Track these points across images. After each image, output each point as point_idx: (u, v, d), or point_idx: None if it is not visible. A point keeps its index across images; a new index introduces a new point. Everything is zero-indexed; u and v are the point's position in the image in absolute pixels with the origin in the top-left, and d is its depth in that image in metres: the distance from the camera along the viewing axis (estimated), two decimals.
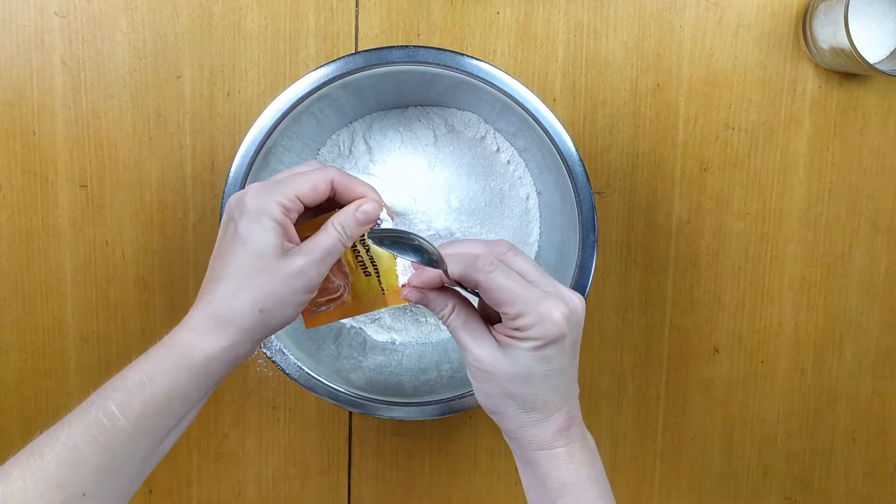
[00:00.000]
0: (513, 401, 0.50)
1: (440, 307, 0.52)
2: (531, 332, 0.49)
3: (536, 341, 0.49)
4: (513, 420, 0.51)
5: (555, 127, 0.60)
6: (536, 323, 0.49)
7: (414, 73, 0.61)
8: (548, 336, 0.49)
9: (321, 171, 0.52)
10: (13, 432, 0.73)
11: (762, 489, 0.75)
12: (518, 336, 0.49)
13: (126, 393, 0.48)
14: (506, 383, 0.50)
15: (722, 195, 0.72)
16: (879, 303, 0.73)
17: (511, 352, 0.49)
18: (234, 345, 0.50)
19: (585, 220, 0.61)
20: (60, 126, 0.70)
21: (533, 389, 0.50)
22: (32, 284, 0.71)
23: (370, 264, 0.56)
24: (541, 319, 0.49)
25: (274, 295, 0.50)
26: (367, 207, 0.53)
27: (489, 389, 0.51)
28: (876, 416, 0.74)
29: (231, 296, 0.50)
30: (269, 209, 0.50)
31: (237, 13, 0.69)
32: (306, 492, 0.74)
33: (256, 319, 0.50)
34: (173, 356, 0.49)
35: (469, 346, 0.51)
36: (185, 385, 0.49)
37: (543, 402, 0.50)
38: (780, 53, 0.70)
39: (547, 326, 0.49)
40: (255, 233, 0.50)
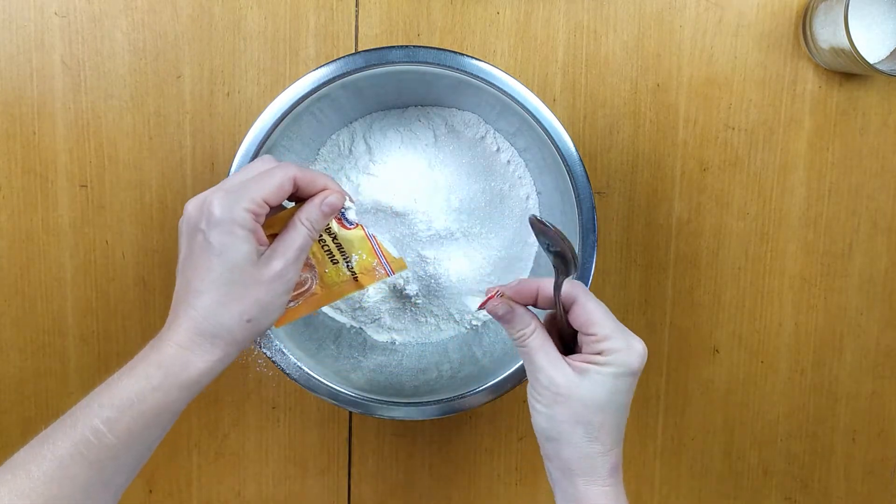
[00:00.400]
0: (581, 428, 0.50)
1: (522, 325, 0.52)
2: (615, 358, 0.50)
3: (619, 368, 0.50)
4: (575, 448, 0.51)
5: (555, 127, 0.60)
6: (623, 349, 0.51)
7: (414, 73, 0.61)
8: (630, 365, 0.50)
9: (282, 170, 0.52)
10: (13, 432, 0.73)
11: (762, 489, 0.75)
12: (600, 361, 0.50)
13: (114, 411, 0.48)
14: (580, 408, 0.50)
15: (722, 195, 0.72)
16: (879, 303, 0.73)
17: (589, 377, 0.50)
18: (225, 357, 0.50)
19: (585, 220, 0.61)
20: (60, 126, 0.70)
21: (603, 418, 0.50)
22: (32, 284, 0.71)
23: (337, 251, 0.56)
24: (627, 348, 0.51)
25: (259, 303, 0.50)
26: (331, 200, 0.54)
27: (557, 414, 0.51)
28: (876, 416, 0.74)
29: (216, 310, 0.49)
30: (239, 218, 0.49)
31: (237, 13, 0.69)
32: (306, 492, 0.74)
33: (245, 329, 0.50)
34: (163, 373, 0.49)
35: (545, 367, 0.51)
36: (175, 401, 0.49)
37: (608, 435, 0.51)
38: (780, 53, 0.70)
39: (632, 356, 0.51)
40: (229, 244, 0.49)
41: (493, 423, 0.74)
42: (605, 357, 0.50)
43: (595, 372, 0.50)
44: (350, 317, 0.69)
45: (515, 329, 0.53)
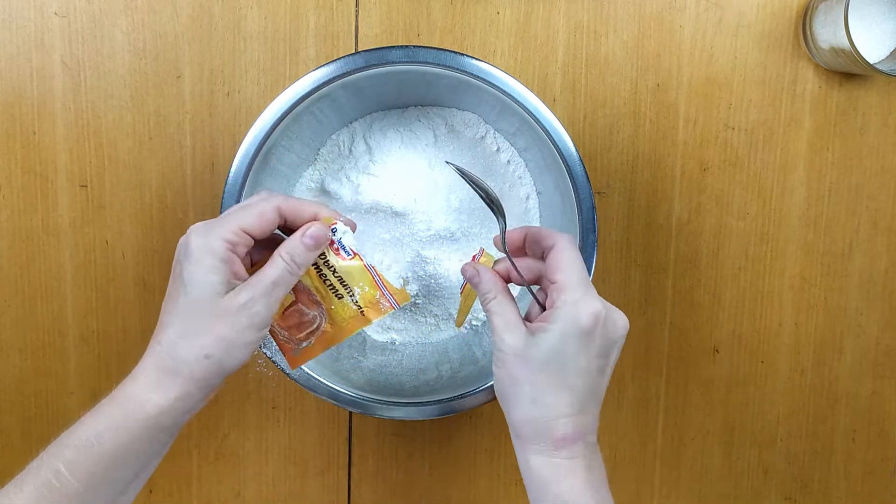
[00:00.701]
0: (525, 386, 0.49)
1: (487, 289, 0.53)
2: (563, 312, 0.49)
3: (565, 324, 0.49)
4: (519, 409, 0.50)
5: (555, 127, 0.60)
6: (571, 304, 0.49)
7: (414, 73, 0.61)
8: (577, 322, 0.49)
9: (265, 200, 0.50)
10: (13, 432, 0.73)
11: (762, 489, 0.75)
12: (549, 318, 0.49)
13: (74, 451, 0.47)
14: (521, 365, 0.49)
15: (722, 195, 0.72)
16: (879, 303, 0.73)
17: (537, 336, 0.49)
18: (185, 396, 0.48)
19: (585, 220, 0.61)
20: (60, 126, 0.70)
21: (546, 379, 0.49)
22: (32, 284, 0.71)
23: (340, 285, 0.54)
24: (576, 303, 0.49)
25: (221, 338, 0.48)
26: (313, 231, 0.51)
27: (504, 375, 0.50)
28: (876, 416, 0.74)
29: (175, 343, 0.48)
30: (211, 246, 0.48)
31: (237, 13, 0.69)
32: (306, 492, 0.74)
33: (204, 366, 0.48)
34: (122, 411, 0.47)
35: (499, 329, 0.51)
36: (136, 441, 0.47)
37: (554, 399, 0.49)
38: (780, 53, 0.70)
39: (580, 312, 0.49)
40: (195, 274, 0.47)
41: (493, 423, 0.74)
42: (556, 311, 0.49)
43: (541, 330, 0.49)
44: None
45: (481, 293, 0.53)
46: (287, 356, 0.56)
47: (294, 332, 0.55)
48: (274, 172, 0.64)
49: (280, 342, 0.56)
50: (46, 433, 0.73)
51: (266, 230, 0.50)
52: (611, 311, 0.51)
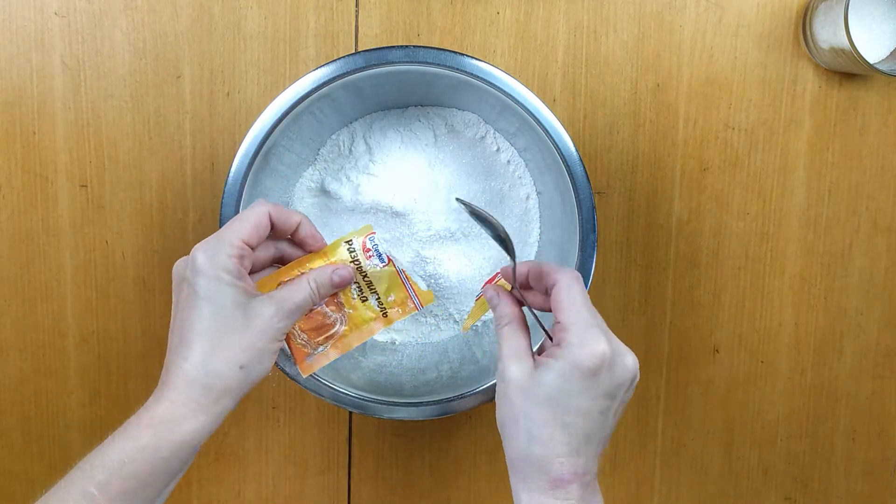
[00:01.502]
0: (522, 423, 0.49)
1: (502, 314, 0.53)
2: (567, 352, 0.48)
3: (567, 364, 0.48)
4: (515, 444, 0.49)
5: (555, 127, 0.60)
6: (577, 345, 0.48)
7: (414, 73, 0.61)
8: (579, 363, 0.48)
9: (255, 209, 0.52)
10: (13, 432, 0.73)
11: (762, 489, 0.75)
12: (553, 354, 0.49)
13: (106, 473, 0.47)
14: (522, 400, 0.49)
15: (722, 195, 0.72)
16: (879, 303, 0.73)
17: (540, 371, 0.49)
18: (223, 411, 0.49)
19: (585, 220, 0.61)
20: (60, 126, 0.70)
21: (544, 415, 0.48)
22: (32, 284, 0.71)
23: (367, 288, 0.56)
24: (582, 344, 0.48)
25: (251, 348, 0.49)
26: (343, 272, 0.55)
27: (504, 406, 0.50)
28: (876, 416, 0.74)
29: (208, 359, 0.48)
30: (223, 263, 0.49)
31: (237, 13, 0.69)
32: (306, 492, 0.74)
33: (239, 377, 0.49)
34: (153, 433, 0.48)
35: (505, 357, 0.50)
36: (168, 461, 0.48)
37: (550, 437, 0.48)
38: (780, 53, 0.70)
39: (583, 353, 0.48)
40: (215, 290, 0.49)
41: (493, 424, 0.73)
42: (560, 349, 0.49)
43: (545, 366, 0.49)
44: None
45: (496, 316, 0.54)
46: (301, 363, 0.56)
47: (313, 335, 0.56)
48: (274, 172, 0.64)
49: (295, 347, 0.56)
50: (46, 433, 0.73)
51: (262, 238, 0.53)
52: (619, 353, 0.49)
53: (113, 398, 0.72)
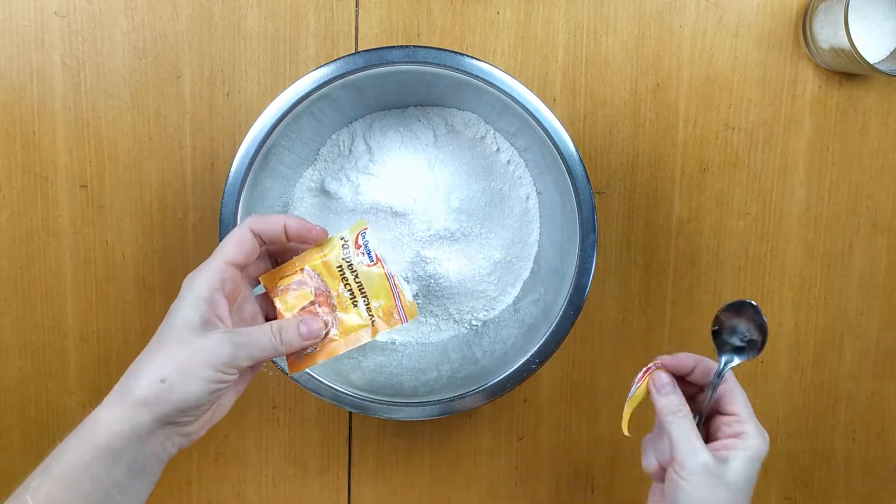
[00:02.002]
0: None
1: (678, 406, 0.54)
2: (752, 442, 0.53)
3: (755, 452, 0.52)
4: None
5: (555, 127, 0.60)
6: (758, 435, 0.53)
7: (414, 73, 0.61)
8: (762, 451, 0.53)
9: (237, 229, 0.52)
10: (13, 432, 0.73)
11: (762, 489, 0.75)
12: (740, 446, 0.53)
13: (38, 478, 0.46)
14: (727, 493, 0.51)
15: (722, 195, 0.72)
16: (879, 303, 0.73)
17: (731, 462, 0.52)
18: (132, 417, 0.47)
19: (585, 220, 0.61)
20: (60, 126, 0.70)
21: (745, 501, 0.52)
22: (32, 284, 0.71)
23: (358, 291, 0.55)
24: (761, 434, 0.53)
25: (178, 365, 0.48)
26: (309, 330, 0.53)
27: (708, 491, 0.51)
28: (876, 416, 0.74)
29: (136, 366, 0.49)
30: (195, 285, 0.50)
31: (237, 13, 0.69)
32: (306, 492, 0.74)
33: (155, 390, 0.47)
34: (79, 433, 0.47)
35: (697, 449, 0.52)
36: (90, 464, 0.46)
37: None
38: (780, 53, 0.70)
39: (765, 442, 0.53)
40: (176, 310, 0.49)
41: (493, 423, 0.74)
42: (744, 441, 0.53)
43: (736, 458, 0.52)
44: None
45: (669, 407, 0.54)
46: (289, 358, 0.56)
47: None
48: (274, 172, 0.64)
49: None
50: (46, 433, 0.73)
51: (250, 254, 0.52)
52: None
53: None
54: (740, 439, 0.53)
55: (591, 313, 0.72)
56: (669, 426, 0.53)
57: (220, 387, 0.49)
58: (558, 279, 0.64)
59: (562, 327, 0.62)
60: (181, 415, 0.48)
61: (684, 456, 0.52)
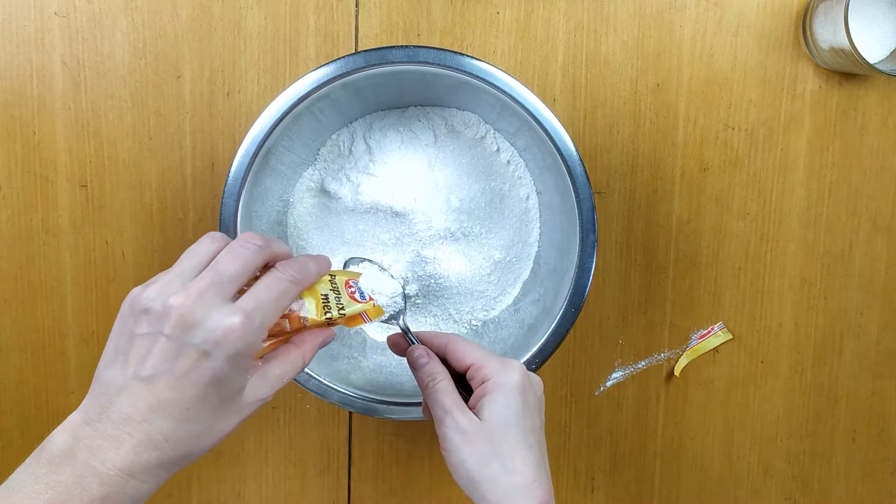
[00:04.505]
0: (494, 463, 0.50)
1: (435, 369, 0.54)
2: (495, 380, 0.52)
3: (502, 387, 0.51)
4: (497, 486, 0.50)
5: (555, 127, 0.60)
6: (499, 369, 0.52)
7: (414, 73, 0.61)
8: (510, 382, 0.51)
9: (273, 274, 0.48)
10: (13, 432, 0.73)
11: (762, 489, 0.75)
12: (486, 390, 0.52)
13: None
14: (485, 442, 0.50)
15: (722, 195, 0.72)
16: (879, 303, 0.73)
17: (484, 410, 0.51)
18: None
19: (585, 220, 0.61)
20: (60, 126, 0.70)
21: (512, 446, 0.50)
22: (32, 284, 0.71)
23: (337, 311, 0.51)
24: (502, 366, 0.52)
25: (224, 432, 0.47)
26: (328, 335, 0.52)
27: (468, 453, 0.50)
28: (876, 416, 0.74)
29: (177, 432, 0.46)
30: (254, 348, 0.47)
31: (237, 13, 0.69)
32: (306, 492, 0.74)
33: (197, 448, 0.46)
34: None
35: (452, 409, 0.52)
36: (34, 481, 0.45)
37: (523, 464, 0.50)
38: (780, 53, 0.70)
39: (509, 372, 0.52)
40: (231, 377, 0.46)
41: None
42: (488, 383, 0.52)
43: (486, 403, 0.51)
44: None
45: (426, 372, 0.54)
46: None
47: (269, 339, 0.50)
48: (274, 172, 0.64)
49: None
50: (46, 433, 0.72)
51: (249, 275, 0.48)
52: (520, 365, 0.53)
53: None
54: (485, 384, 0.52)
55: (591, 313, 0.72)
56: (431, 395, 0.53)
57: None
58: (558, 279, 0.64)
59: (562, 327, 0.62)
60: None
61: (437, 422, 0.52)
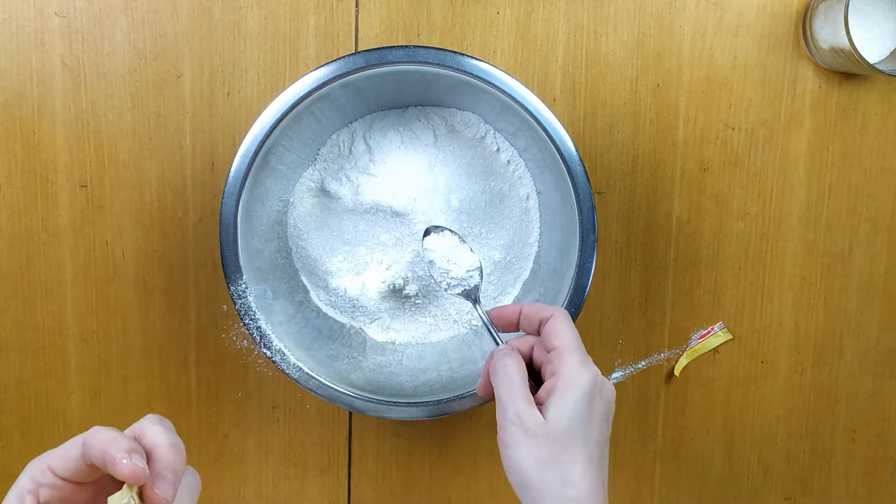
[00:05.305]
0: (552, 468, 0.47)
1: (509, 351, 0.52)
2: (569, 377, 0.48)
3: (572, 388, 0.48)
4: (550, 494, 0.47)
5: (555, 127, 0.60)
6: (576, 367, 0.49)
7: (414, 73, 0.61)
8: (581, 384, 0.48)
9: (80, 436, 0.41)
10: (13, 432, 0.73)
11: (762, 489, 0.75)
12: (556, 386, 0.49)
13: None
14: (546, 445, 0.47)
15: (722, 195, 0.72)
16: (879, 303, 0.73)
17: (550, 406, 0.48)
18: None
19: (585, 220, 0.61)
20: (60, 126, 0.70)
21: (573, 455, 0.47)
22: (32, 284, 0.71)
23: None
24: (581, 366, 0.49)
25: None
26: None
27: (527, 453, 0.47)
28: (876, 416, 0.74)
29: None
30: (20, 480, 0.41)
31: (237, 13, 0.69)
32: (306, 492, 0.74)
33: None
34: None
35: (519, 401, 0.49)
36: None
37: (582, 474, 0.47)
38: (780, 53, 0.70)
39: (582, 374, 0.49)
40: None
41: (493, 423, 0.73)
42: (559, 378, 0.49)
43: (553, 401, 0.48)
44: (350, 317, 0.69)
45: (502, 351, 0.52)
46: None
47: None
48: (274, 172, 0.64)
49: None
50: (46, 433, 0.73)
51: (71, 469, 0.41)
52: (602, 377, 0.51)
53: (113, 398, 0.72)
54: (556, 378, 0.49)
55: (591, 313, 0.72)
56: (493, 375, 0.51)
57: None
58: (558, 279, 0.64)
59: None
60: None
61: (500, 410, 0.49)
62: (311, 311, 0.68)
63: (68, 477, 0.41)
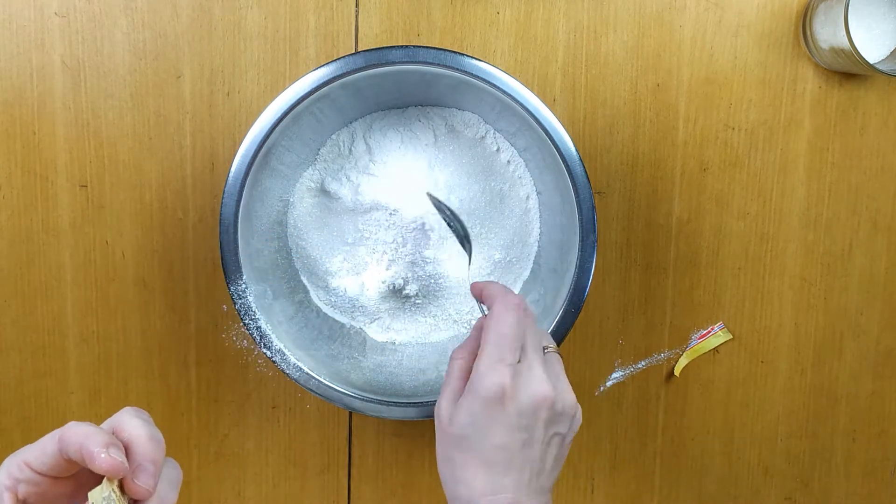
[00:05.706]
0: (447, 466, 0.47)
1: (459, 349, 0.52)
2: (475, 379, 0.47)
3: (470, 395, 0.47)
4: (446, 487, 0.47)
5: (555, 127, 0.60)
6: (486, 371, 0.47)
7: (414, 73, 0.61)
8: (478, 393, 0.46)
9: (58, 430, 0.42)
10: (13, 432, 0.73)
11: (762, 489, 0.75)
12: (469, 384, 0.48)
13: None
14: (443, 442, 0.47)
15: (722, 195, 0.72)
16: (879, 303, 0.73)
17: (454, 410, 0.48)
18: None
19: (585, 220, 0.61)
20: (60, 126, 0.70)
21: (465, 456, 0.47)
22: (32, 284, 0.71)
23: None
24: (491, 369, 0.46)
25: None
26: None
27: (437, 445, 0.48)
28: (876, 416, 0.74)
29: None
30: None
31: (237, 13, 0.69)
32: (306, 492, 0.74)
33: None
34: None
35: (444, 393, 0.49)
36: None
37: (473, 478, 0.46)
38: (780, 53, 0.70)
39: (488, 380, 0.46)
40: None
41: None
42: (471, 379, 0.47)
43: (457, 405, 0.48)
44: (350, 317, 0.69)
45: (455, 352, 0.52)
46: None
47: None
48: (274, 172, 0.64)
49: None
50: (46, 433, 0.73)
51: (49, 465, 0.42)
52: (524, 383, 0.47)
53: (113, 398, 0.72)
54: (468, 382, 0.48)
55: (591, 313, 0.72)
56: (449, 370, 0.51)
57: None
58: (558, 279, 0.64)
59: (562, 327, 0.62)
60: None
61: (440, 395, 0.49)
62: (311, 311, 0.68)
63: (46, 472, 0.41)
